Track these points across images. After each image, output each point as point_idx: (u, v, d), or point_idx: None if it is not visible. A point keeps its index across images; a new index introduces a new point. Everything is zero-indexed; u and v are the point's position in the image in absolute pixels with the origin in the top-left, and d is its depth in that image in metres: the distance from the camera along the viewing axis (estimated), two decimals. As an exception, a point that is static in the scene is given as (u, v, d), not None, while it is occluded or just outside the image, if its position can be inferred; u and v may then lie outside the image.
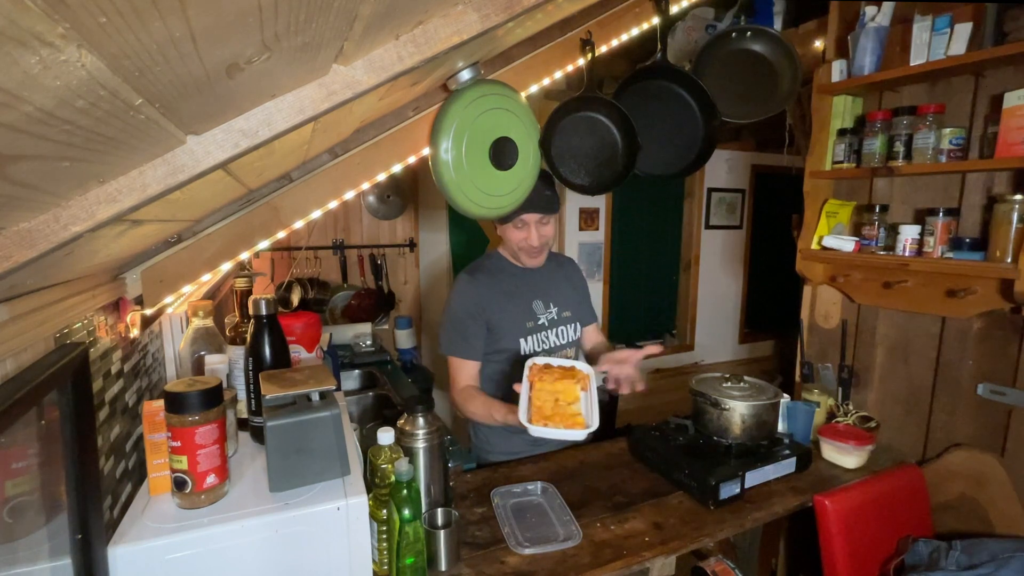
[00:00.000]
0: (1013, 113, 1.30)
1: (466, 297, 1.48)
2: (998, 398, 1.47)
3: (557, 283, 1.60)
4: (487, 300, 1.48)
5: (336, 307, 2.82)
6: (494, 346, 1.50)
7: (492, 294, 1.49)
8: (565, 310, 1.59)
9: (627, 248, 3.63)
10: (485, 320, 1.47)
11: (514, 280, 1.53)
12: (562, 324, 1.57)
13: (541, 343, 1.53)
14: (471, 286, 1.49)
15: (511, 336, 1.49)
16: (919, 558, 1.31)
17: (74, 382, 0.69)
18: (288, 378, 0.94)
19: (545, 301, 1.55)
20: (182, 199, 0.73)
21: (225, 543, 0.80)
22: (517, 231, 1.45)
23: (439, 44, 0.71)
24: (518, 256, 1.51)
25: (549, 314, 1.55)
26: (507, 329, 1.48)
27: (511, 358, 1.50)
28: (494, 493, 1.32)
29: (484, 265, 1.55)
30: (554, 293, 1.58)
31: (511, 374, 1.47)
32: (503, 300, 1.49)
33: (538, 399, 1.18)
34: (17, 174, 0.42)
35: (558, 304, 1.57)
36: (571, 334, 1.59)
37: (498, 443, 1.55)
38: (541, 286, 1.56)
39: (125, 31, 0.32)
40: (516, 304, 1.51)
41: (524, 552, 1.11)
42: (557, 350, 1.55)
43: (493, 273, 1.53)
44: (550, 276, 1.59)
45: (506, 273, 1.54)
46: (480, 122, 1.20)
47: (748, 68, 1.49)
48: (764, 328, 4.28)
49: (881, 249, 1.63)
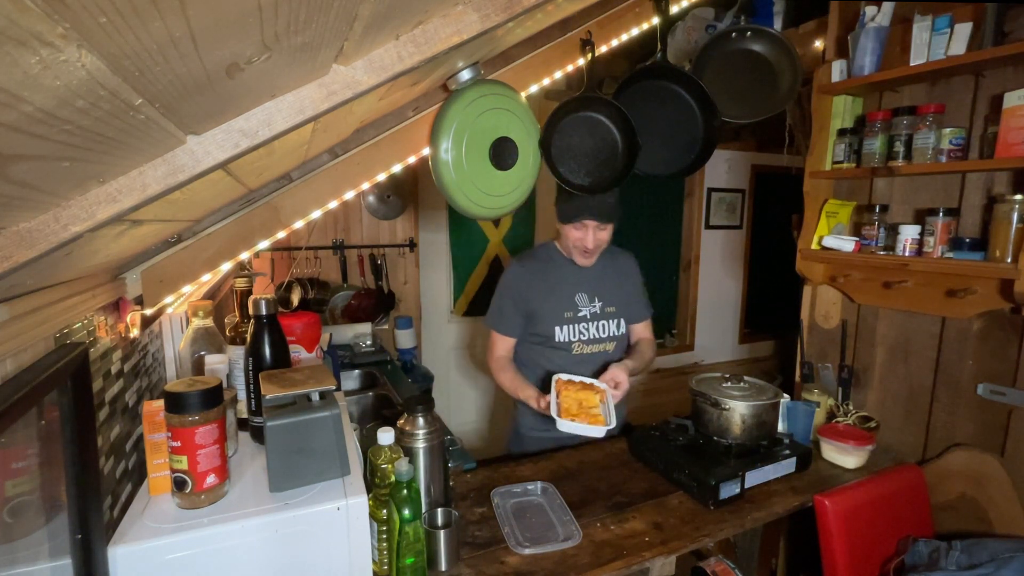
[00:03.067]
0: (1013, 113, 1.30)
1: (511, 281, 1.62)
2: (998, 398, 1.47)
3: (606, 278, 1.66)
4: (529, 287, 1.60)
5: (336, 307, 2.81)
6: (533, 329, 1.61)
7: (535, 281, 1.60)
8: (610, 305, 1.64)
9: (627, 248, 3.62)
10: (525, 304, 1.60)
11: (561, 271, 1.62)
12: (604, 319, 1.63)
13: (579, 333, 1.60)
14: (518, 272, 1.63)
15: (548, 323, 1.59)
16: (919, 558, 1.31)
17: (74, 382, 0.69)
18: (288, 378, 0.94)
19: (590, 295, 1.63)
20: (182, 199, 0.73)
21: (225, 543, 0.80)
22: (575, 231, 1.53)
23: (439, 44, 0.71)
24: (571, 253, 1.59)
25: (592, 307, 1.62)
26: (545, 316, 1.59)
27: (546, 343, 1.61)
28: (494, 493, 1.32)
29: (536, 254, 1.68)
30: (601, 288, 1.64)
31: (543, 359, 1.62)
32: (546, 288, 1.60)
33: (565, 402, 1.37)
34: (17, 174, 0.42)
35: (603, 299, 1.64)
36: (613, 329, 1.64)
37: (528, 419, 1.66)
38: (588, 280, 1.63)
39: (125, 31, 0.32)
40: (558, 294, 1.60)
41: (524, 552, 1.11)
42: (597, 342, 1.63)
43: (543, 262, 1.64)
44: (600, 271, 1.64)
45: (554, 264, 1.64)
46: (480, 122, 1.20)
47: (748, 68, 1.49)
48: (764, 328, 4.27)
49: (881, 249, 1.63)
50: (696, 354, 3.96)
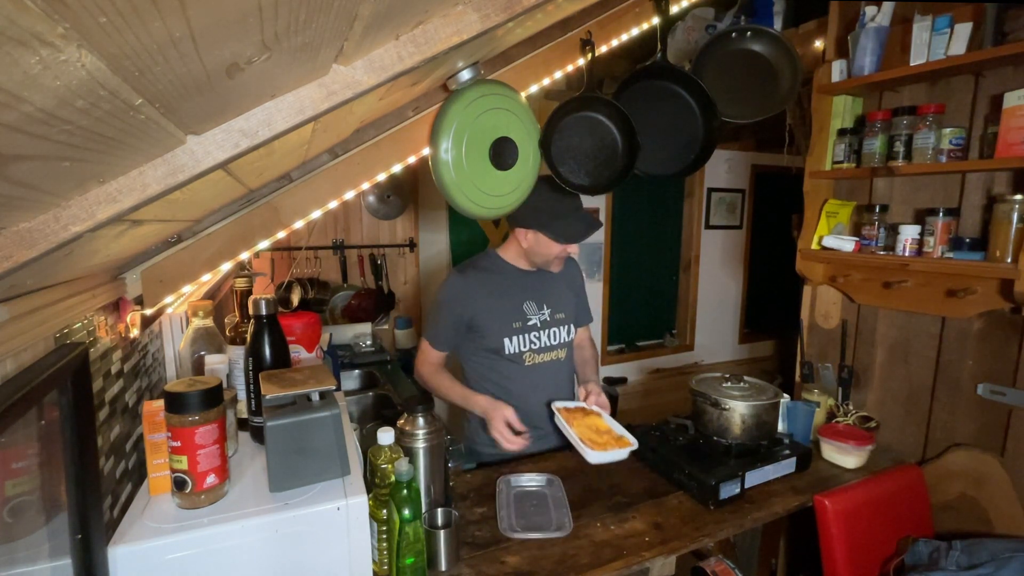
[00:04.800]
0: (1013, 113, 1.30)
1: (451, 292, 1.52)
2: (998, 398, 1.47)
3: (554, 284, 1.60)
4: (472, 298, 1.50)
5: (336, 307, 2.82)
6: (479, 343, 1.53)
7: (479, 293, 1.51)
8: (559, 312, 1.59)
9: (627, 248, 3.63)
10: (468, 318, 1.50)
11: (506, 280, 1.54)
12: (555, 326, 1.58)
13: (530, 343, 1.54)
14: (459, 283, 1.52)
15: (495, 335, 1.51)
16: (919, 558, 1.31)
17: (74, 382, 0.69)
18: (288, 378, 0.94)
19: (539, 302, 1.56)
20: (182, 199, 0.73)
21: (225, 543, 0.80)
22: (559, 245, 1.46)
23: (439, 44, 0.71)
24: (548, 264, 1.51)
25: (542, 315, 1.56)
26: (492, 328, 1.51)
27: (495, 357, 1.53)
28: (500, 480, 1.36)
29: (477, 263, 1.57)
30: (548, 294, 1.58)
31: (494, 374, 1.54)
32: (490, 299, 1.51)
33: (581, 434, 1.33)
34: (17, 174, 0.41)
35: (551, 306, 1.58)
36: (564, 335, 1.60)
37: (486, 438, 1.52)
38: (535, 287, 1.57)
39: (125, 31, 0.32)
40: (504, 304, 1.52)
41: (513, 536, 1.15)
42: (548, 350, 1.57)
43: (486, 271, 1.55)
44: (547, 277, 1.58)
45: (499, 273, 1.55)
46: (480, 122, 1.20)
47: (748, 68, 1.48)
48: (764, 328, 4.28)
49: (881, 249, 1.63)
50: (696, 354, 3.96)
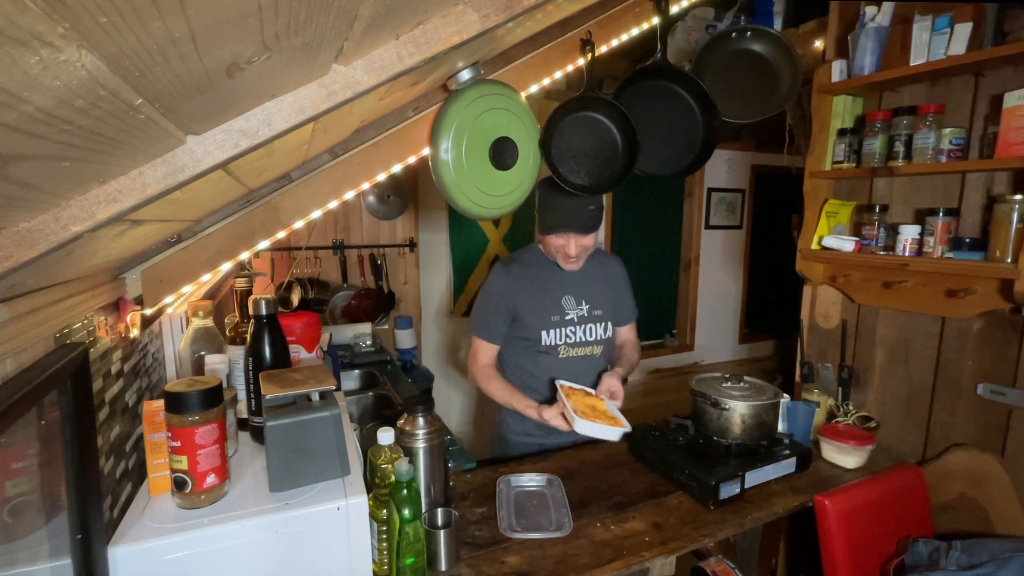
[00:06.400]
0: (1013, 113, 1.30)
1: (495, 286, 1.58)
2: (998, 398, 1.47)
3: (594, 281, 1.64)
4: (514, 291, 1.56)
5: (336, 307, 2.81)
6: (518, 334, 1.58)
7: (521, 285, 1.57)
8: (597, 308, 1.62)
9: (627, 248, 3.63)
10: (511, 309, 1.57)
11: (547, 274, 1.60)
12: (592, 322, 1.61)
13: (566, 337, 1.58)
14: (502, 276, 1.59)
15: (534, 327, 1.56)
16: (919, 558, 1.31)
17: (74, 382, 0.69)
18: (288, 378, 0.94)
19: (577, 298, 1.60)
20: (182, 199, 0.73)
21: (225, 543, 0.80)
22: (557, 239, 1.51)
23: (439, 44, 0.71)
24: (555, 258, 1.56)
25: (579, 311, 1.60)
26: (531, 320, 1.56)
27: (532, 347, 1.58)
28: (500, 480, 1.35)
29: (520, 258, 1.64)
30: (588, 291, 1.62)
31: (528, 363, 1.59)
32: (531, 292, 1.57)
33: (576, 406, 1.36)
34: (17, 174, 0.41)
35: (590, 302, 1.61)
36: (600, 332, 1.62)
37: (515, 424, 1.63)
38: (575, 283, 1.61)
39: (125, 31, 0.32)
40: (544, 298, 1.57)
41: (513, 536, 1.15)
42: (583, 346, 1.61)
43: (528, 265, 1.61)
44: (587, 274, 1.62)
45: (541, 267, 1.61)
46: (480, 122, 1.20)
47: (748, 68, 1.48)
48: (764, 328, 4.27)
49: (881, 249, 1.63)
50: (696, 354, 3.96)
